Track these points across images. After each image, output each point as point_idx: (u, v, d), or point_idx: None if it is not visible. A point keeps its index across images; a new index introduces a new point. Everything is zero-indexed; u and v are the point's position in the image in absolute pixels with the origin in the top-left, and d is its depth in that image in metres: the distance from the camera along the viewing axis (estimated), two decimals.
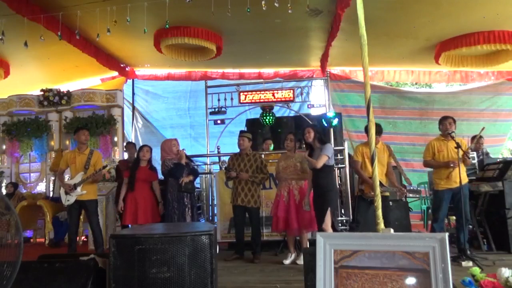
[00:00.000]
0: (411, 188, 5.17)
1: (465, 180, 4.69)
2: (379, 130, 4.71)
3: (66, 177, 5.41)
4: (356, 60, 4.41)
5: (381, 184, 4.50)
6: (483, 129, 5.03)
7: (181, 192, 5.15)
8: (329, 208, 4.46)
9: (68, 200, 5.09)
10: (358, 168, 4.88)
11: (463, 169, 4.72)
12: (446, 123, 4.82)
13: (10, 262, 2.16)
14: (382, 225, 2.52)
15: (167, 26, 5.20)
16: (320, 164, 4.44)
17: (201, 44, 6.49)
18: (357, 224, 4.85)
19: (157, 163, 6.03)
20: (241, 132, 5.50)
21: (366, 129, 4.88)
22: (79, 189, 5.06)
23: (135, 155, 5.61)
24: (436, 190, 4.87)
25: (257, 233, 5.28)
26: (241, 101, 7.84)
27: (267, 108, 7.75)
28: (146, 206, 5.25)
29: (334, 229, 4.60)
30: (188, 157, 5.56)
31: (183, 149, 5.47)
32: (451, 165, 4.63)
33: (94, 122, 8.10)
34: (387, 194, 4.82)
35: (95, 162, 5.18)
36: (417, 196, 5.64)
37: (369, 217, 4.80)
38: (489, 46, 6.30)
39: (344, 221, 6.03)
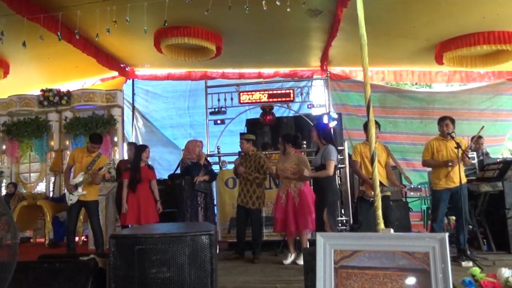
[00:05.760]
0: (412, 186, 5.18)
1: (464, 180, 4.69)
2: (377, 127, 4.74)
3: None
4: (356, 60, 4.42)
5: (381, 184, 4.52)
6: (482, 128, 5.01)
7: (194, 190, 5.25)
8: (326, 208, 4.50)
9: (71, 200, 5.15)
10: (358, 169, 4.88)
11: (462, 169, 4.72)
12: (443, 124, 4.83)
13: (3, 263, 2.13)
14: (382, 225, 2.52)
15: (165, 24, 5.20)
16: (331, 170, 4.50)
17: (201, 44, 6.49)
18: (358, 225, 4.84)
19: (174, 163, 6.17)
20: (240, 134, 5.57)
21: (365, 126, 4.94)
22: (80, 189, 5.10)
23: (135, 156, 5.58)
24: (434, 190, 4.88)
25: (258, 233, 5.30)
26: (241, 101, 7.83)
27: (267, 108, 7.75)
28: (147, 206, 5.28)
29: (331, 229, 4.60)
30: (207, 160, 5.71)
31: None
32: (450, 164, 4.64)
33: (94, 122, 8.10)
34: (388, 193, 4.81)
35: (98, 165, 5.20)
36: (418, 194, 5.68)
37: (371, 218, 4.80)
38: (489, 46, 6.29)
39: (344, 221, 6.03)
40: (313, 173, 4.73)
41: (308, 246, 4.77)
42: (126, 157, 7.13)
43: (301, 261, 4.53)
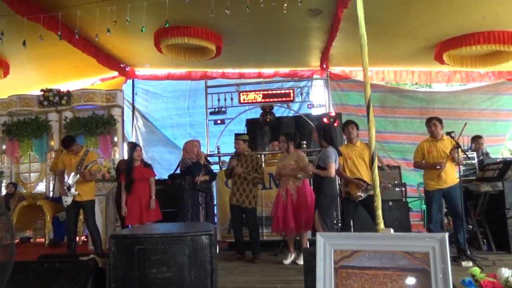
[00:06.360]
0: (395, 182, 5.22)
1: (455, 180, 4.70)
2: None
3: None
4: (356, 60, 4.41)
5: (366, 183, 4.55)
6: (465, 124, 4.91)
7: (195, 190, 5.28)
8: (317, 210, 4.53)
9: (65, 201, 5.16)
10: (341, 171, 4.79)
11: (455, 169, 4.71)
12: (431, 125, 4.83)
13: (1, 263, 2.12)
14: (382, 225, 2.52)
15: (167, 25, 5.20)
16: (332, 172, 4.50)
17: (201, 44, 6.48)
18: (347, 226, 4.88)
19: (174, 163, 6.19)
20: (235, 135, 5.58)
21: (343, 127, 4.98)
22: (72, 189, 5.11)
23: (128, 157, 5.57)
24: (427, 190, 4.90)
25: (255, 233, 5.30)
26: (241, 101, 7.83)
27: (267, 108, 7.75)
28: (147, 205, 5.26)
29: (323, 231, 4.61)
30: (207, 160, 5.73)
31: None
32: (438, 167, 4.65)
33: (94, 122, 8.09)
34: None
35: (87, 162, 5.20)
36: (402, 188, 5.72)
37: (358, 217, 4.82)
38: (489, 46, 6.29)
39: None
40: (315, 170, 4.70)
41: (308, 246, 4.78)
42: (126, 157, 7.12)
43: (301, 261, 4.54)
